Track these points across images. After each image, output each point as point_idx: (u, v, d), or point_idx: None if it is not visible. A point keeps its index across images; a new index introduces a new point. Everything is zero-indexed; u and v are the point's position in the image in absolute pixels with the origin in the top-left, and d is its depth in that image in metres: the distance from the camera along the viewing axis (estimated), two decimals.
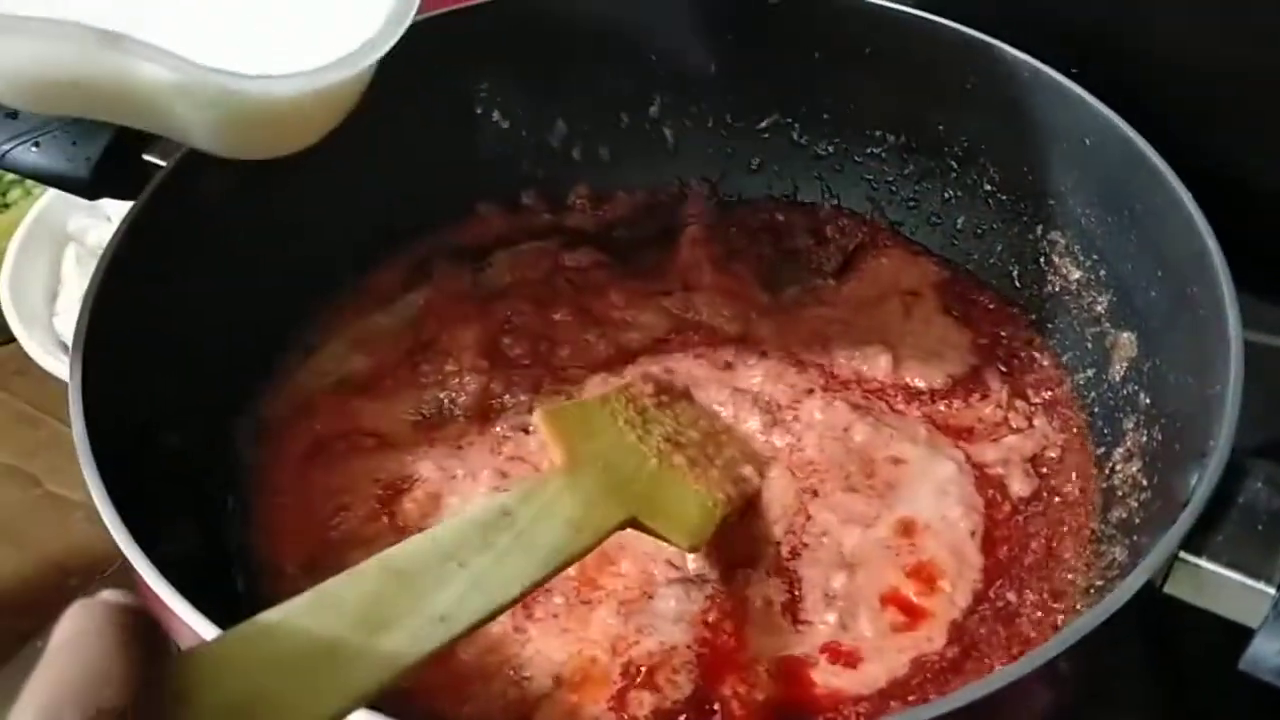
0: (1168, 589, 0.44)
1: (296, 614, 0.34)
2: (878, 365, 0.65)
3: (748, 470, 0.56)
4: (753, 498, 0.56)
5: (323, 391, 0.66)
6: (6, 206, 0.98)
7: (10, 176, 1.00)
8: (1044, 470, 0.60)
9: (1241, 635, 0.42)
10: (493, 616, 0.39)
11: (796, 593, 0.55)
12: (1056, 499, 0.59)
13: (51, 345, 0.83)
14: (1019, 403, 0.64)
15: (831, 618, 0.54)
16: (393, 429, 0.64)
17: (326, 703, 0.32)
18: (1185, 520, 0.43)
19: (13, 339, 0.88)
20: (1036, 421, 0.63)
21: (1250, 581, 0.43)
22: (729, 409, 0.62)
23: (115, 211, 0.88)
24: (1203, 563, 0.44)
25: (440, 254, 0.72)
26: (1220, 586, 0.44)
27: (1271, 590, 0.42)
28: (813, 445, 0.61)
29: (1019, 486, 0.60)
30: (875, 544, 0.57)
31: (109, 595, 0.32)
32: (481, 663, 0.53)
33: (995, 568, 0.56)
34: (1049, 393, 0.64)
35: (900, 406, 0.64)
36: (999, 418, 0.63)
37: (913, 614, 0.54)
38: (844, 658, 0.52)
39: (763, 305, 0.69)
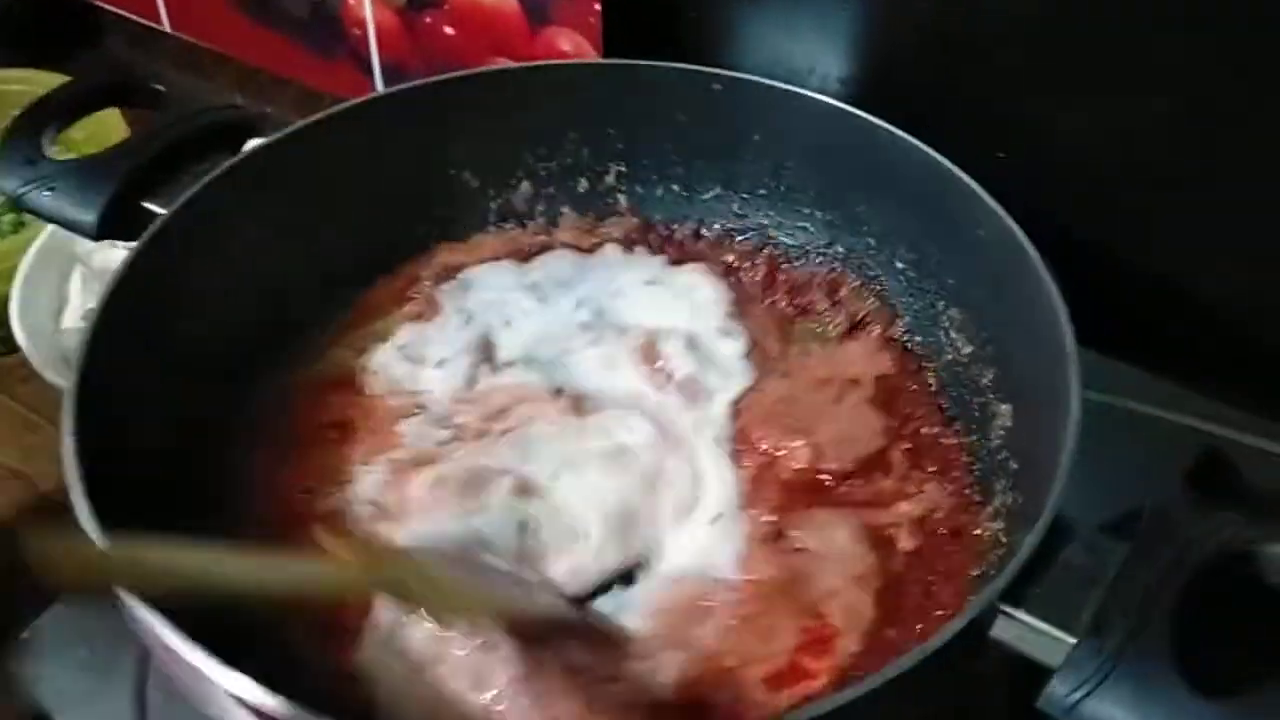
0: (993, 634, 0.50)
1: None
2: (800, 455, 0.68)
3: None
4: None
5: (308, 385, 0.72)
6: (23, 225, 1.05)
7: None
8: (928, 529, 0.65)
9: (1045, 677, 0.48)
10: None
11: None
12: (936, 553, 0.64)
13: (55, 358, 0.88)
14: (915, 473, 0.68)
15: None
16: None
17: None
18: (1008, 573, 0.49)
19: (18, 349, 0.93)
20: (927, 488, 0.67)
21: (1057, 632, 0.49)
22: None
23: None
24: (1019, 614, 0.49)
25: (431, 276, 0.79)
26: (1032, 635, 0.49)
27: (1072, 640, 0.48)
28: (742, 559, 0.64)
29: (905, 543, 0.64)
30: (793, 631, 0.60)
31: None
32: None
33: (883, 616, 0.60)
34: (943, 459, 0.69)
35: (812, 494, 0.67)
36: (896, 489, 0.67)
37: (808, 676, 0.58)
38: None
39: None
